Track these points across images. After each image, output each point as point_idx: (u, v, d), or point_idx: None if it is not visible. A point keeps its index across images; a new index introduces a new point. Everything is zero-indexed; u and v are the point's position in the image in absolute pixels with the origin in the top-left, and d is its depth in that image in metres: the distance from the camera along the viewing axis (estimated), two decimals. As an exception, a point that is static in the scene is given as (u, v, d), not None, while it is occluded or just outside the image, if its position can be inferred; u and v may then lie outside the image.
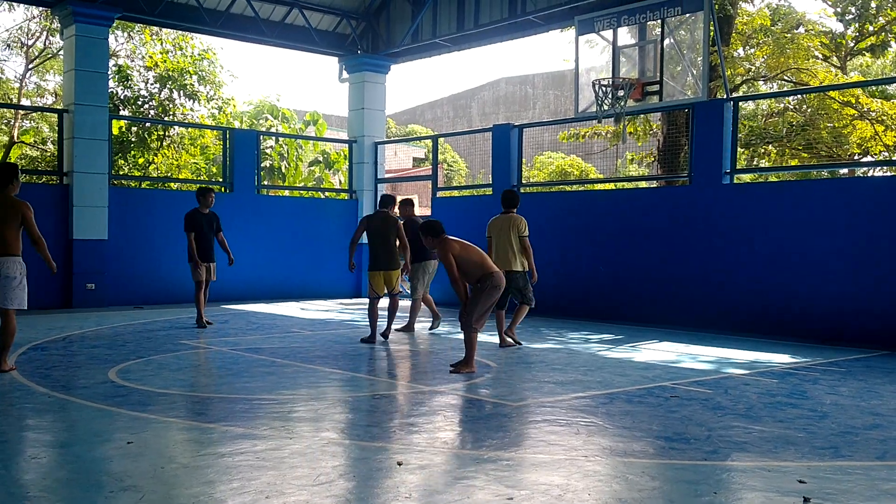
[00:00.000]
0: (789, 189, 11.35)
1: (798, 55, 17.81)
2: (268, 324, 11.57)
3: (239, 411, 5.82)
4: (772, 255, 10.91)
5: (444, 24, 15.76)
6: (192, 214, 10.80)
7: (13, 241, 7.07)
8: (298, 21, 16.46)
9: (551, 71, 42.80)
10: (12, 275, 7.05)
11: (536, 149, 28.34)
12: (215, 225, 10.99)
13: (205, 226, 10.79)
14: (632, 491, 4.05)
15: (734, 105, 11.73)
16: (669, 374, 7.63)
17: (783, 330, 10.66)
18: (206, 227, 10.80)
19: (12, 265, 7.06)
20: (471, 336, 7.49)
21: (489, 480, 4.19)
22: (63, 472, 4.33)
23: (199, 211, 10.85)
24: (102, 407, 5.82)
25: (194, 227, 10.72)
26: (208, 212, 10.92)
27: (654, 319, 11.89)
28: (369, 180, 17.36)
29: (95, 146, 13.57)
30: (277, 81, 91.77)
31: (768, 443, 5.05)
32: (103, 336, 9.88)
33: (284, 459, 4.50)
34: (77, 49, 13.43)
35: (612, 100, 12.05)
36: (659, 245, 12.10)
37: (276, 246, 15.75)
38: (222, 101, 23.24)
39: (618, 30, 12.26)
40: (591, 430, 5.37)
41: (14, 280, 7.06)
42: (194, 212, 10.83)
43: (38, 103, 24.76)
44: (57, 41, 22.27)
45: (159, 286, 13.92)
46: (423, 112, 47.58)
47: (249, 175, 15.66)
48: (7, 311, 7.13)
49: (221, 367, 7.84)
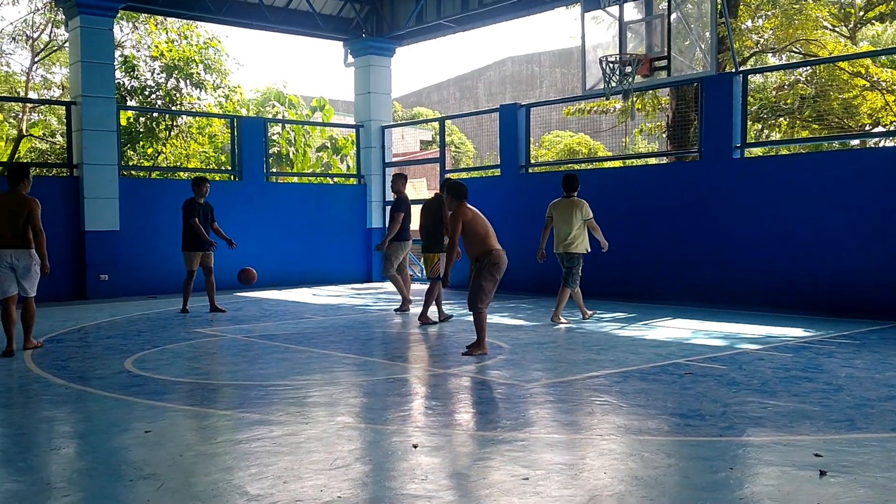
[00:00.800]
0: (800, 162, 11.27)
1: (807, 26, 17.61)
2: (280, 310, 11.61)
3: (254, 398, 5.85)
4: (784, 229, 10.85)
5: (449, 4, 15.66)
6: (191, 202, 11.04)
7: (27, 234, 7.72)
8: (303, 6, 16.39)
9: (557, 49, 42.59)
10: (28, 266, 7.73)
11: (544, 127, 28.21)
12: (210, 215, 11.21)
13: (200, 215, 11.00)
14: (647, 468, 4.06)
15: (743, 78, 11.64)
16: (683, 351, 7.62)
17: (796, 304, 10.62)
18: (201, 217, 11.00)
19: (27, 257, 7.72)
20: (479, 318, 7.50)
21: (505, 461, 4.20)
22: (83, 462, 4.37)
23: (196, 200, 11.06)
24: (119, 397, 5.87)
25: (194, 214, 10.92)
26: (203, 201, 11.09)
27: (667, 296, 11.87)
28: (377, 164, 17.34)
29: (104, 137, 13.59)
30: (283, 68, 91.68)
31: (784, 417, 5.05)
32: (118, 326, 9.95)
33: (301, 444, 4.53)
34: (82, 41, 13.42)
35: (619, 76, 11.96)
36: (670, 221, 12.06)
37: (287, 233, 15.78)
38: (229, 90, 23.22)
39: (624, 5, 12.15)
40: (606, 408, 5.37)
41: (31, 271, 7.76)
42: (191, 200, 11.07)
43: (45, 96, 24.81)
44: (62, 33, 22.27)
45: (171, 275, 13.94)
46: (429, 94, 47.45)
47: (258, 162, 15.67)
48: (27, 298, 7.87)
49: (236, 355, 7.88)
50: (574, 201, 9.78)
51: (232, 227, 14.77)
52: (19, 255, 7.67)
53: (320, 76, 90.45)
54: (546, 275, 13.42)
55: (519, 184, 14.33)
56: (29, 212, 7.69)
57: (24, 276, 7.72)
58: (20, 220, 7.67)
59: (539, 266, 13.44)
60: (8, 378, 6.76)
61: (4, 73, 24.76)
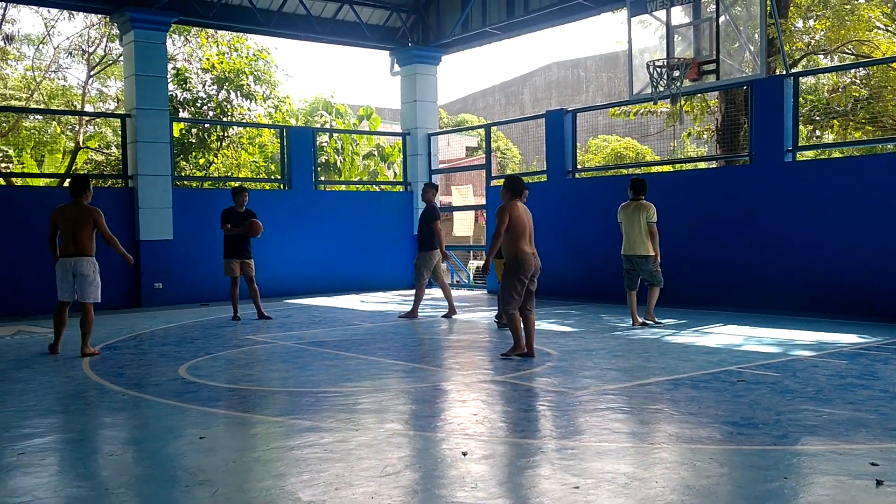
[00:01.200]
0: (854, 164, 11.05)
1: (859, 27, 17.25)
2: (329, 317, 11.73)
3: (305, 404, 5.93)
4: (837, 233, 10.64)
5: (494, 12, 15.70)
6: (227, 211, 11.36)
7: (87, 243, 8.20)
8: (349, 17, 16.57)
9: (604, 53, 42.28)
10: (86, 273, 8.17)
11: (591, 132, 28.05)
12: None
13: (238, 223, 11.22)
14: (700, 478, 4.02)
15: (794, 80, 11.45)
16: (735, 358, 7.52)
17: (850, 309, 10.40)
18: (240, 225, 11.22)
19: (87, 264, 8.19)
20: (510, 320, 7.63)
21: (555, 469, 4.20)
22: (140, 468, 4.47)
23: (235, 210, 11.33)
24: (174, 403, 5.99)
25: (226, 222, 11.23)
26: (244, 210, 11.32)
27: (718, 302, 11.71)
28: (423, 172, 17.43)
29: (158, 149, 13.89)
30: (331, 78, 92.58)
31: (839, 425, 4.96)
32: (172, 334, 10.15)
33: (351, 451, 4.57)
34: (136, 54, 13.75)
35: (667, 81, 11.86)
36: (720, 226, 11.90)
37: (335, 240, 15.94)
38: (278, 100, 23.56)
39: (671, 9, 12.04)
40: (657, 416, 5.33)
41: (88, 277, 8.18)
42: (229, 209, 11.38)
43: (100, 108, 25.42)
44: (117, 47, 22.81)
45: (223, 283, 14.13)
46: (474, 101, 47.48)
47: (307, 171, 15.86)
48: (85, 304, 8.24)
49: (286, 361, 7.98)
50: (641, 204, 9.95)
51: (281, 235, 15.02)
52: (79, 262, 8.13)
53: (367, 85, 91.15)
54: (593, 280, 13.35)
55: (565, 189, 14.28)
56: (94, 222, 8.19)
57: (82, 282, 8.15)
58: (83, 229, 8.14)
59: (586, 272, 13.34)
60: (67, 385, 6.95)
61: (62, 86, 25.45)
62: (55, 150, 22.99)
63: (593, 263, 13.35)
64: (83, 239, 8.14)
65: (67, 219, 8.18)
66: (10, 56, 23.94)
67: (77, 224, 8.15)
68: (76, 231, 8.14)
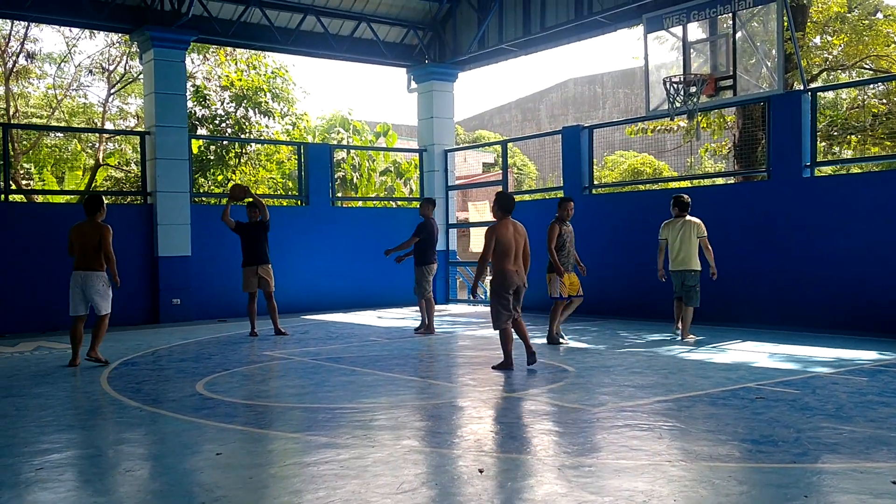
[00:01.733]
0: (873, 180, 10.96)
1: (877, 42, 17.18)
2: (346, 333, 11.75)
3: (321, 420, 5.93)
4: (856, 249, 10.56)
5: (511, 29, 15.75)
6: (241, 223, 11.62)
7: (98, 258, 8.63)
8: (367, 34, 16.69)
9: (620, 69, 42.34)
10: (96, 286, 8.62)
11: (607, 148, 28.03)
12: (262, 234, 11.49)
13: (251, 233, 11.39)
14: (718, 496, 3.98)
15: (812, 96, 11.41)
16: (754, 375, 7.46)
17: (869, 326, 10.29)
18: (248, 236, 11.44)
19: (96, 279, 8.63)
20: (502, 335, 7.92)
21: (571, 487, 4.17)
22: (156, 483, 4.49)
23: (249, 222, 11.55)
24: (191, 419, 6.01)
25: (239, 232, 11.50)
26: (260, 219, 11.50)
27: (736, 319, 11.63)
28: (440, 188, 17.46)
29: (176, 166, 14.01)
30: (348, 95, 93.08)
31: (860, 443, 4.90)
32: (189, 350, 10.19)
33: (367, 468, 4.57)
34: (156, 72, 13.90)
35: (684, 96, 11.85)
36: (738, 242, 11.83)
37: (352, 256, 15.96)
38: (296, 117, 23.72)
39: (687, 25, 12.05)
40: (675, 434, 5.29)
41: (98, 291, 8.64)
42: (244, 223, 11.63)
43: (120, 126, 25.68)
44: (137, 65, 23.06)
45: (241, 299, 14.17)
46: (491, 117, 47.62)
47: (324, 188, 15.93)
48: (100, 315, 8.73)
49: (303, 377, 7.99)
50: (688, 220, 10.07)
51: (299, 252, 15.07)
52: (88, 276, 8.59)
53: (384, 102, 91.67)
54: (609, 297, 13.30)
55: (582, 205, 14.23)
56: (100, 237, 8.60)
57: (92, 295, 8.62)
58: (93, 245, 8.59)
59: (604, 288, 13.30)
60: (85, 401, 6.99)
61: (83, 104, 25.73)
62: (75, 168, 23.21)
63: (611, 280, 13.29)
64: (93, 254, 8.59)
65: (80, 235, 8.67)
66: (32, 74, 24.23)
67: (88, 240, 8.60)
68: (86, 247, 8.59)
